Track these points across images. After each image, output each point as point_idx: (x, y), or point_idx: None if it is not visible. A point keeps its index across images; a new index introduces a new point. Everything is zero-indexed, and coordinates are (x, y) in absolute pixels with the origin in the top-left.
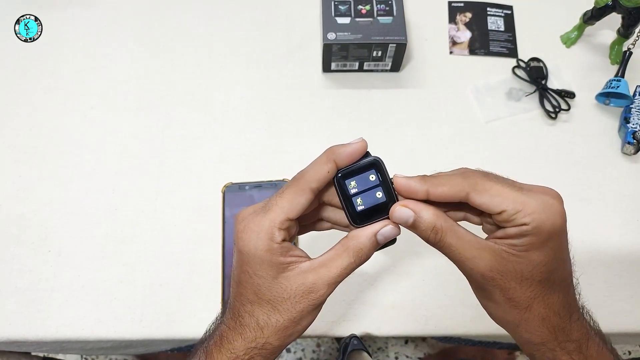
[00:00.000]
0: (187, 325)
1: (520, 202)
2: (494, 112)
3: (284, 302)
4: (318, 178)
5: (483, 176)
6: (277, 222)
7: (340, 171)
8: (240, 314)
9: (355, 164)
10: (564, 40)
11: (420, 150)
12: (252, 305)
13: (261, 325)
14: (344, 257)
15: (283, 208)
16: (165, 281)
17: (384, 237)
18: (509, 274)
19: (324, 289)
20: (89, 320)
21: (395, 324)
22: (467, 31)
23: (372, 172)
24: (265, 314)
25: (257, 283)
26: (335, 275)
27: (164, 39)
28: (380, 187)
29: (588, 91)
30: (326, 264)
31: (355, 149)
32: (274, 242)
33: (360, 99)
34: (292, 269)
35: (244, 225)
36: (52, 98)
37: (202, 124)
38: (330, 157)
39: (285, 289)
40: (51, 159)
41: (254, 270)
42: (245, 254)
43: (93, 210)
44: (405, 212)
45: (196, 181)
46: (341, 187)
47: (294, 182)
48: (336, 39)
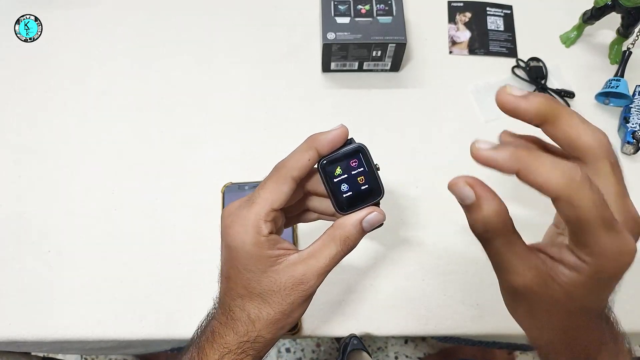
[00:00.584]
0: (187, 325)
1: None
2: (494, 111)
3: (274, 295)
4: (299, 166)
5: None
6: (262, 214)
7: (326, 158)
8: (231, 309)
9: (340, 151)
10: (563, 40)
11: (420, 150)
12: (243, 299)
13: (252, 319)
14: (332, 247)
15: (267, 200)
16: (165, 281)
17: (370, 224)
18: (542, 299)
19: (314, 280)
20: (89, 320)
21: (395, 323)
22: (466, 31)
23: (357, 159)
24: (256, 307)
25: (246, 277)
26: (323, 265)
27: (164, 38)
28: (365, 173)
29: (588, 91)
30: (314, 254)
31: (336, 135)
32: (261, 235)
33: (360, 98)
34: (281, 261)
35: (231, 220)
36: (52, 98)
37: (202, 123)
38: (312, 145)
39: (275, 281)
40: (51, 159)
41: (243, 265)
42: (234, 249)
43: (93, 210)
44: (466, 191)
45: (196, 181)
46: (326, 174)
47: (275, 172)
48: (336, 38)
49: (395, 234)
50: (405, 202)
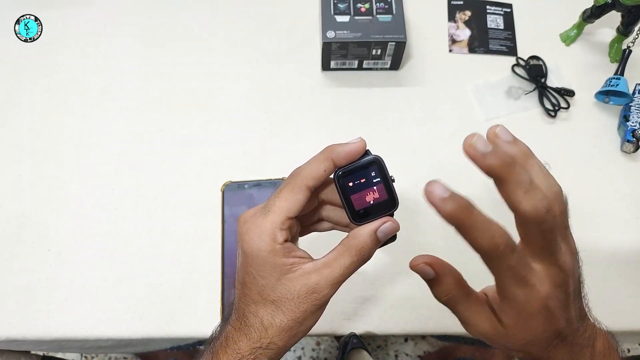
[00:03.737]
0: (187, 323)
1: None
2: (494, 110)
3: (287, 303)
4: (314, 176)
5: None
6: (278, 222)
7: (341, 169)
8: (245, 315)
9: (355, 162)
10: (563, 39)
11: (420, 149)
12: (257, 305)
13: (265, 326)
14: (346, 257)
15: (282, 208)
16: (165, 280)
17: (384, 233)
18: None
19: (327, 289)
20: (89, 319)
21: (395, 322)
22: (466, 29)
23: (372, 170)
24: (270, 314)
25: (261, 284)
26: (338, 275)
27: (164, 38)
28: (380, 185)
29: (587, 89)
30: (329, 264)
31: (354, 148)
32: (276, 243)
33: (360, 97)
34: (295, 270)
35: (247, 227)
36: (52, 97)
37: (202, 122)
38: (328, 156)
39: (289, 289)
40: (51, 158)
41: (257, 271)
42: (249, 255)
43: (93, 210)
44: (427, 270)
45: (196, 180)
46: (341, 185)
47: (290, 180)
48: (335, 37)
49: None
50: (405, 202)
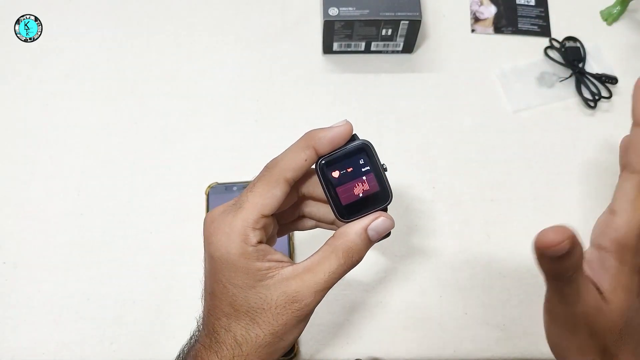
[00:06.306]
0: (165, 347)
1: None
2: (523, 100)
3: (263, 314)
4: (294, 167)
5: None
6: (251, 221)
7: (324, 158)
8: (216, 330)
9: (341, 149)
10: (604, 17)
11: (437, 145)
12: (229, 318)
13: (239, 342)
14: (332, 260)
15: (256, 204)
16: (139, 297)
17: (376, 232)
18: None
19: (310, 298)
20: (51, 343)
21: (406, 347)
22: (491, 6)
23: (361, 158)
24: (244, 328)
25: (232, 293)
26: (322, 281)
27: (139, 14)
28: (370, 175)
29: (632, 76)
30: (311, 268)
31: (338, 132)
32: (248, 244)
33: (367, 84)
34: (272, 275)
35: (214, 227)
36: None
37: (183, 114)
38: (309, 143)
39: (265, 298)
40: (5, 155)
41: (227, 278)
42: (217, 260)
43: (55, 215)
44: (566, 247)
45: (176, 181)
46: (325, 176)
47: (266, 172)
48: (339, 14)
49: (408, 243)
50: (420, 206)
